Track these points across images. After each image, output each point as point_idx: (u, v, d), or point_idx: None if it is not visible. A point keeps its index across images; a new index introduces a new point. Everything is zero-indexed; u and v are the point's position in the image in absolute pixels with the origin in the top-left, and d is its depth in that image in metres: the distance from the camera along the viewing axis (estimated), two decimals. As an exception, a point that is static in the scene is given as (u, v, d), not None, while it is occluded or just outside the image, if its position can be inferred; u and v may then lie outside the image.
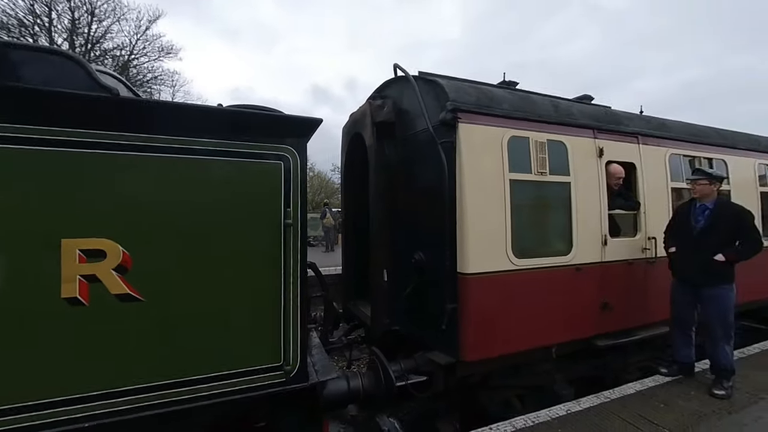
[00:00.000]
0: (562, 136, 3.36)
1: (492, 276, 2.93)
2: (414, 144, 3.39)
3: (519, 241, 3.07)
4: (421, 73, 3.33)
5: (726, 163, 4.67)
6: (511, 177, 3.06)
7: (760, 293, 4.93)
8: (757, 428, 2.60)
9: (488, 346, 2.98)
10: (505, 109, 3.14)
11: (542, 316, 3.21)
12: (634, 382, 3.41)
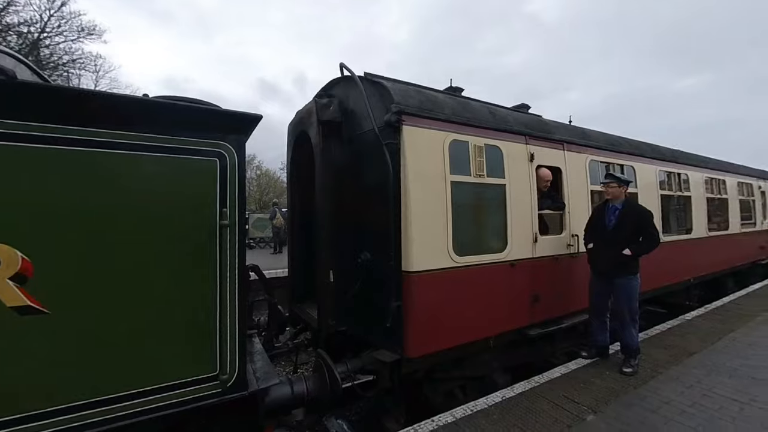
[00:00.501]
0: (498, 141, 3.60)
1: (434, 273, 3.04)
2: (360, 144, 3.41)
3: (459, 239, 3.22)
4: (366, 74, 3.36)
5: (634, 169, 5.35)
6: (452, 179, 3.20)
7: (660, 282, 5.74)
8: (656, 399, 3.01)
9: (431, 341, 3.09)
10: (447, 114, 3.29)
11: (481, 309, 3.41)
12: (560, 366, 3.75)
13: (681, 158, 6.79)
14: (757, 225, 9.03)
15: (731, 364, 3.66)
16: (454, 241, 3.17)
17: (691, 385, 3.24)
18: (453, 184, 3.21)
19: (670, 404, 2.92)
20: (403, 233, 2.96)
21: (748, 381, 3.31)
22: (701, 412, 2.80)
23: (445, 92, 4.18)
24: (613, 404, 2.93)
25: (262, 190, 33.68)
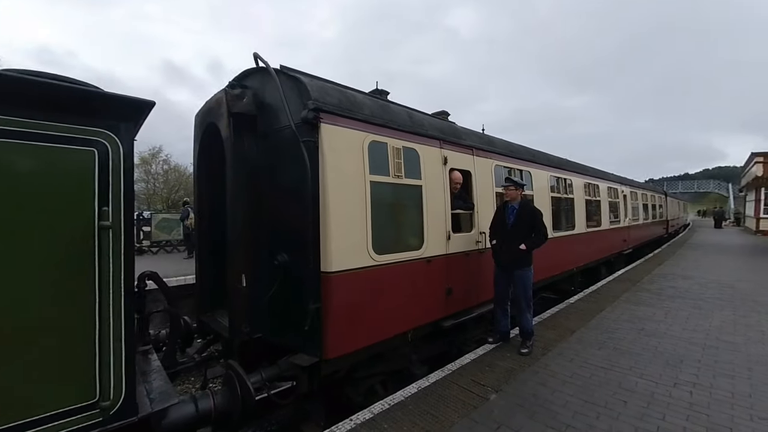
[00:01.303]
0: (415, 144, 3.77)
1: (354, 273, 3.05)
2: (277, 140, 3.25)
3: (379, 238, 3.29)
4: (283, 67, 3.22)
5: (531, 174, 6.10)
6: (371, 179, 3.25)
7: (552, 272, 6.65)
8: (545, 374, 3.47)
9: (351, 340, 3.10)
10: (366, 115, 3.33)
11: (400, 305, 3.54)
12: (470, 353, 4.09)
13: (567, 166, 7.97)
14: (621, 222, 11.08)
15: (601, 338, 4.41)
16: (374, 240, 3.23)
17: (572, 358, 3.82)
18: (372, 184, 3.26)
19: (555, 377, 3.40)
20: (322, 233, 2.91)
21: (611, 351, 4.02)
22: (578, 381, 3.32)
23: (370, 94, 4.24)
24: (512, 382, 3.30)
25: (171, 187, 30.05)
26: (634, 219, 12.65)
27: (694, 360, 3.75)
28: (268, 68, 3.17)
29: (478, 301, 4.62)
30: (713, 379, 3.33)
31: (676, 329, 4.72)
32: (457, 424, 2.66)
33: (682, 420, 2.69)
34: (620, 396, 3.05)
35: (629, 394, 3.07)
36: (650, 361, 3.75)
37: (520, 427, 2.62)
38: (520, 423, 2.67)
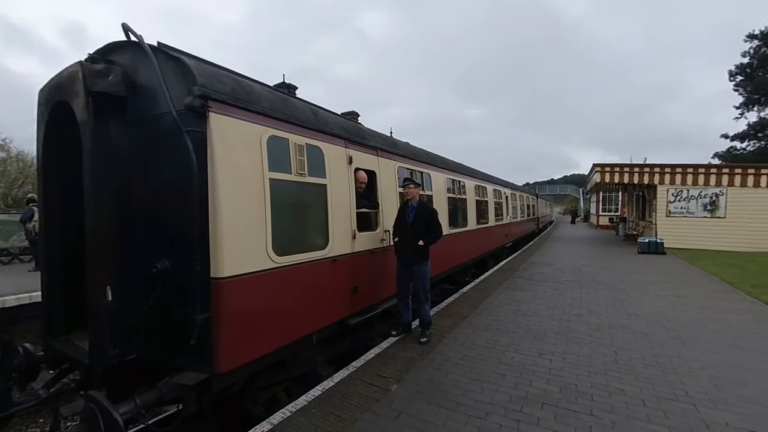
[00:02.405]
0: (320, 142, 3.70)
1: (251, 277, 2.84)
2: (154, 128, 2.81)
3: (280, 239, 3.13)
4: (161, 45, 2.79)
5: (430, 176, 6.60)
6: (271, 176, 3.07)
7: (450, 265, 7.31)
8: (441, 359, 3.79)
9: (249, 350, 2.87)
10: (265, 108, 3.13)
11: (304, 307, 3.43)
12: (375, 347, 4.21)
13: (461, 169, 8.85)
14: (504, 220, 12.82)
15: (486, 321, 5.03)
16: (274, 241, 3.05)
17: (463, 342, 4.26)
18: (272, 182, 3.08)
19: (449, 360, 3.74)
20: (211, 235, 2.62)
21: (494, 332, 4.62)
22: (467, 362, 3.71)
23: (274, 87, 4.00)
24: (412, 371, 3.51)
25: (11, 180, 23.63)
26: (514, 217, 14.79)
27: (553, 332, 4.56)
28: (141, 43, 2.70)
29: (384, 297, 4.79)
30: (566, 347, 4.10)
31: (542, 308, 5.67)
32: (360, 420, 2.71)
33: (544, 383, 3.24)
34: (500, 370, 3.52)
35: (507, 368, 3.57)
36: (523, 337, 4.42)
37: (418, 411, 2.80)
38: (418, 408, 2.85)
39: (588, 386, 3.18)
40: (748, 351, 3.93)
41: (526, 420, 2.68)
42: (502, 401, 2.94)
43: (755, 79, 23.12)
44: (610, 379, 3.30)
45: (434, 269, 6.44)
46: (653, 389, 3.12)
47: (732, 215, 12.92)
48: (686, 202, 13.55)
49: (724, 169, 13.64)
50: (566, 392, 3.08)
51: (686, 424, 2.61)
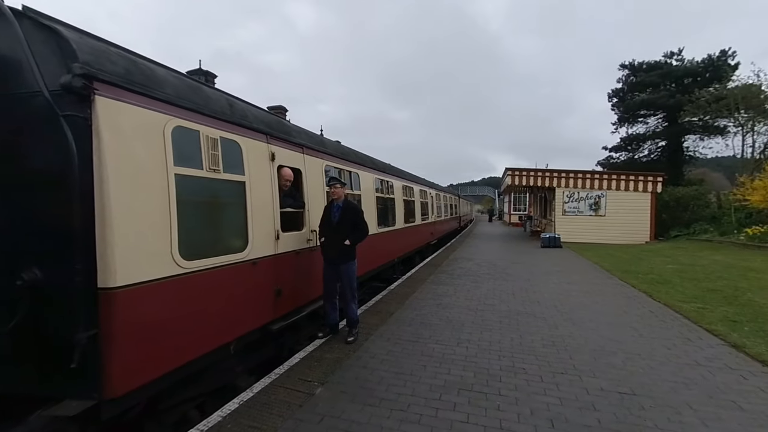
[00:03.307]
0: (237, 136, 3.44)
1: (152, 285, 2.51)
2: (17, 110, 2.30)
3: (189, 241, 2.83)
4: (27, 9, 2.29)
5: (359, 176, 6.63)
6: (177, 171, 2.75)
7: (378, 263, 7.44)
8: (367, 357, 3.83)
9: (150, 367, 2.54)
10: (170, 95, 2.79)
11: (219, 315, 3.16)
12: (301, 351, 4.08)
13: (389, 170, 9.08)
14: (429, 218, 13.51)
15: (411, 316, 5.23)
16: (182, 243, 2.75)
17: (389, 338, 4.37)
18: (179, 178, 2.76)
19: (375, 357, 3.80)
20: (98, 238, 2.24)
21: (418, 325, 4.83)
22: (392, 357, 3.82)
23: (186, 74, 3.58)
24: (338, 372, 3.48)
25: None
26: (439, 216, 15.70)
27: (470, 322, 4.94)
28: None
29: (311, 298, 4.66)
30: (480, 334, 4.48)
31: (461, 300, 6.11)
32: (281, 429, 2.59)
33: (460, 371, 3.49)
34: (422, 362, 3.69)
35: (428, 359, 3.76)
36: (444, 328, 4.70)
37: (342, 412, 2.79)
38: (342, 408, 2.83)
39: (498, 369, 3.52)
40: (617, 326, 4.75)
41: (443, 407, 2.85)
42: (423, 391, 3.09)
43: (626, 102, 28.13)
44: (516, 361, 3.70)
45: (363, 267, 6.50)
46: (549, 366, 3.58)
47: (610, 214, 15.52)
48: (577, 203, 15.89)
49: (605, 176, 16.33)
50: (479, 377, 3.36)
51: (573, 393, 3.05)
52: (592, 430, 2.54)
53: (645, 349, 3.96)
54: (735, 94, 18.55)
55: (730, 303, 5.67)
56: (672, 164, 25.19)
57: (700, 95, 20.42)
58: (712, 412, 2.74)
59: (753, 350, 3.85)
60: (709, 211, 16.69)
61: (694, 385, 3.18)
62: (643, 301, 5.99)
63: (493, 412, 2.77)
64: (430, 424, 2.63)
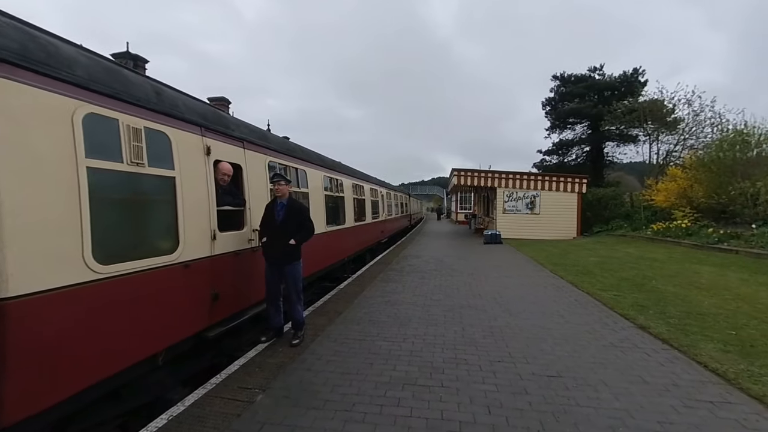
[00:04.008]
0: (165, 126, 3.14)
1: (57, 294, 2.19)
2: None
3: (105, 243, 2.52)
4: None
5: (306, 173, 6.45)
6: (90, 164, 2.43)
7: (327, 262, 7.31)
8: (313, 358, 3.73)
9: (55, 389, 2.21)
10: (80, 77, 2.45)
11: (144, 324, 2.86)
12: (241, 357, 3.86)
13: (339, 168, 8.97)
14: (380, 217, 13.62)
15: (359, 315, 5.22)
16: (96, 245, 2.44)
17: (336, 338, 4.30)
18: (92, 172, 2.45)
19: (321, 359, 3.72)
20: (-17, 241, 1.90)
21: (366, 324, 4.83)
22: (339, 357, 3.76)
23: (109, 58, 3.17)
24: (281, 376, 3.34)
25: None
26: (389, 214, 15.90)
27: (416, 318, 5.06)
28: None
29: (253, 302, 4.43)
30: (426, 329, 4.60)
31: (408, 296, 6.24)
32: (216, 442, 2.42)
33: (406, 366, 3.55)
34: (369, 360, 3.69)
35: (375, 357, 3.77)
36: (391, 325, 4.75)
37: (284, 417, 2.68)
38: (284, 414, 2.72)
39: (441, 362, 3.64)
40: (548, 314, 5.18)
41: (388, 403, 2.87)
42: (369, 389, 3.09)
43: (557, 110, 30.93)
44: (458, 353, 3.86)
45: (312, 267, 6.35)
46: (488, 355, 3.78)
47: (544, 212, 16.92)
48: (516, 202, 17.09)
49: (539, 177, 17.77)
50: (424, 370, 3.44)
51: (508, 379, 3.26)
52: (524, 412, 2.73)
53: (570, 335, 4.36)
54: (644, 108, 21.26)
55: (639, 290, 6.48)
56: (595, 168, 28.20)
57: (616, 107, 23.09)
58: (623, 387, 3.10)
59: (655, 330, 4.44)
60: (624, 209, 18.94)
61: (610, 364, 3.57)
62: (569, 291, 6.61)
63: (435, 404, 2.85)
64: (374, 421, 2.64)
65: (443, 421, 2.63)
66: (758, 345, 3.91)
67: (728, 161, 13.08)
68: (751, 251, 8.99)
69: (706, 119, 18.84)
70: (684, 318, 4.86)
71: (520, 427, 2.54)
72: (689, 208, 13.93)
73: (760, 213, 11.40)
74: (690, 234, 12.27)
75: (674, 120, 20.63)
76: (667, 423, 2.58)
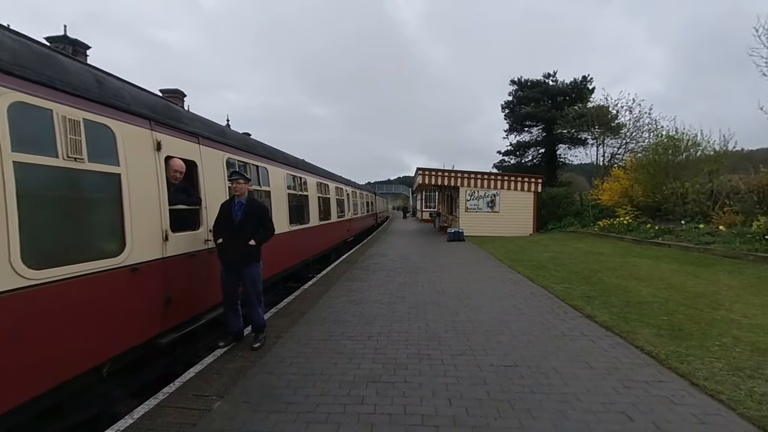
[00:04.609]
0: (108, 119, 2.91)
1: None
2: None
3: (37, 246, 2.30)
4: None
5: (268, 171, 6.25)
6: (17, 158, 2.20)
7: (291, 263, 7.14)
8: (274, 361, 3.64)
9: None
10: (4, 61, 2.20)
11: (85, 333, 2.64)
12: (197, 364, 3.66)
13: (303, 166, 8.79)
14: (345, 216, 13.53)
15: (324, 315, 5.16)
16: (26, 248, 2.21)
17: (299, 339, 4.22)
18: (20, 167, 2.21)
19: (283, 361, 3.63)
20: None
21: (331, 323, 4.78)
22: (302, 358, 3.70)
23: (40, 42, 2.85)
24: (240, 381, 3.22)
25: None
26: (355, 213, 15.84)
27: (381, 315, 5.10)
28: None
29: (210, 305, 4.23)
30: (390, 326, 4.65)
31: (374, 294, 6.26)
32: (169, 455, 2.28)
33: (370, 363, 3.56)
34: (333, 360, 3.66)
35: (339, 356, 3.74)
36: (356, 324, 4.75)
37: (243, 423, 2.59)
38: (243, 420, 2.63)
39: (405, 358, 3.70)
40: (506, 308, 5.44)
41: (352, 402, 2.87)
42: (333, 389, 3.07)
43: (515, 113, 32.47)
44: (421, 348, 3.94)
45: (275, 268, 6.19)
46: (450, 349, 3.90)
47: (503, 210, 17.70)
48: (477, 201, 17.72)
49: (498, 177, 18.55)
50: (388, 367, 3.48)
51: (468, 371, 3.38)
52: (483, 402, 2.85)
53: (525, 326, 4.61)
54: (592, 113, 22.91)
55: (587, 282, 6.99)
56: (549, 168, 29.94)
57: (568, 112, 24.68)
58: (571, 373, 3.33)
59: (600, 319, 4.81)
60: (575, 207, 20.29)
61: (561, 352, 3.82)
62: (526, 285, 6.98)
63: (398, 400, 2.89)
64: (338, 421, 2.62)
65: (406, 416, 2.67)
66: (685, 329, 4.36)
67: (662, 164, 14.46)
68: (681, 245, 10.01)
69: (644, 125, 20.73)
70: (625, 307, 5.31)
71: (479, 416, 2.65)
72: (630, 206, 15.22)
73: (688, 210, 12.72)
74: (631, 230, 13.41)
75: (617, 125, 22.46)
76: (609, 403, 2.81)
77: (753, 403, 2.74)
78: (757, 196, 10.79)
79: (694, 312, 4.97)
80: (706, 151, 14.03)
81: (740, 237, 9.05)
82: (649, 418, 2.61)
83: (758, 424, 2.49)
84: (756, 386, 2.97)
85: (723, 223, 10.47)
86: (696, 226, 11.02)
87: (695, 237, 10.25)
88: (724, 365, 3.38)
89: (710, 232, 10.28)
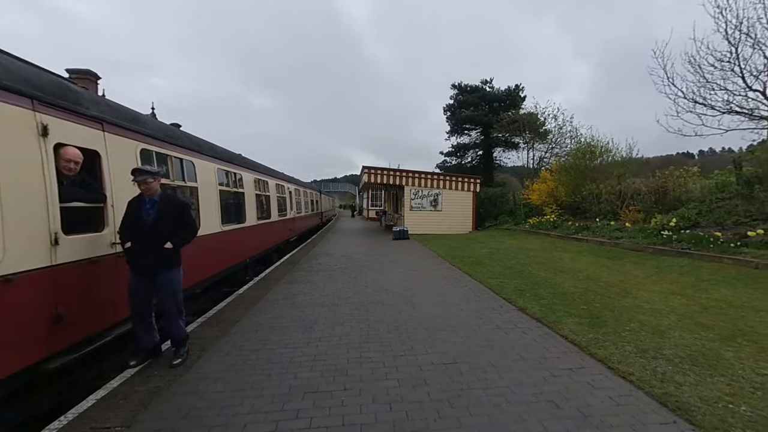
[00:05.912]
0: (-35, 93, 2.30)
1: None
2: None
3: None
4: None
5: (194, 165, 5.64)
6: None
7: (222, 266, 6.55)
8: (197, 379, 3.23)
9: None
10: None
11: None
12: (100, 389, 3.12)
13: (238, 161, 8.15)
14: (288, 215, 12.93)
15: (259, 321, 4.78)
16: None
17: (229, 351, 3.84)
18: None
19: (208, 377, 3.25)
20: None
21: (267, 331, 4.44)
22: (231, 372, 3.34)
23: None
24: (153, 406, 2.80)
25: None
26: (298, 212, 15.24)
27: (323, 318, 4.87)
28: None
29: (118, 319, 3.65)
30: (332, 330, 4.45)
31: (315, 297, 6.00)
32: None
33: (308, 372, 3.34)
34: (267, 371, 3.37)
35: (274, 366, 3.46)
36: (295, 329, 4.47)
37: (153, 458, 2.22)
38: (153, 453, 2.26)
39: (345, 363, 3.54)
40: (446, 304, 5.56)
41: (285, 417, 2.64)
42: (265, 405, 2.80)
43: (455, 116, 33.99)
44: (363, 351, 3.81)
45: (204, 272, 5.61)
46: (391, 350, 3.83)
47: (446, 209, 18.37)
48: (421, 200, 18.16)
49: (441, 177, 19.21)
50: (326, 375, 3.29)
51: (409, 372, 3.33)
52: (423, 404, 2.81)
53: (464, 321, 4.74)
54: (523, 119, 24.88)
55: (519, 276, 7.46)
56: (486, 170, 31.85)
57: (502, 117, 26.48)
58: (506, 366, 3.46)
59: (531, 311, 5.13)
60: (509, 206, 21.84)
61: (496, 345, 3.96)
62: (465, 281, 7.24)
63: (336, 410, 2.73)
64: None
65: (344, 427, 2.52)
66: (602, 316, 4.83)
67: (581, 167, 16.17)
68: (597, 240, 11.24)
69: (567, 132, 22.98)
70: (552, 298, 5.74)
71: (419, 419, 2.60)
72: (555, 205, 16.79)
73: (602, 209, 14.38)
74: (556, 227, 14.76)
75: (545, 131, 24.65)
76: (539, 393, 2.95)
77: (657, 381, 3.06)
78: (654, 197, 12.55)
79: (608, 300, 5.54)
80: (616, 157, 15.97)
81: (642, 232, 10.42)
82: (573, 404, 2.77)
83: (660, 400, 2.79)
84: (658, 366, 3.35)
85: (629, 220, 12.00)
86: (608, 223, 12.47)
87: (607, 233, 11.59)
88: (633, 348, 3.77)
89: (619, 228, 11.71)
